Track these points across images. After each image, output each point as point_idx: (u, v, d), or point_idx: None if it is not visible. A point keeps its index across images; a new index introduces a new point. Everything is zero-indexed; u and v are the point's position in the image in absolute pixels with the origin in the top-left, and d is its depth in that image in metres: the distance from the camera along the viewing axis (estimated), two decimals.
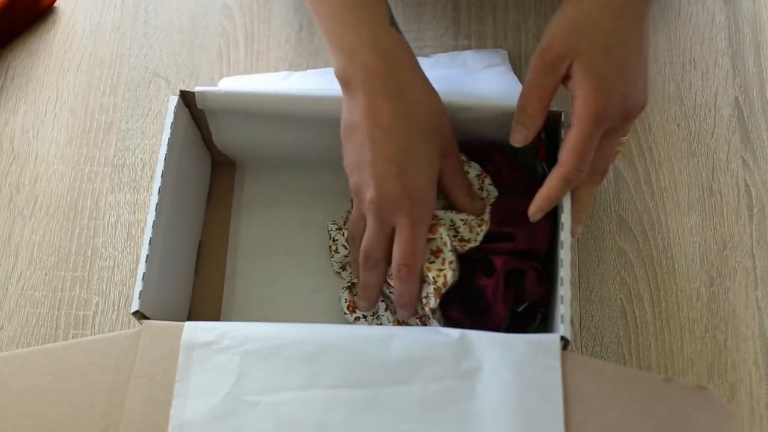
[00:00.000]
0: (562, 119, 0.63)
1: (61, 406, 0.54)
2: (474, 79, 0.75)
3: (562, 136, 0.63)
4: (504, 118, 0.65)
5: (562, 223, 0.60)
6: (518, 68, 0.79)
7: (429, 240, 0.61)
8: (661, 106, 0.77)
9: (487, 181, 0.65)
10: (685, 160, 0.75)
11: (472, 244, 0.62)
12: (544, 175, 0.65)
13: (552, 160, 0.65)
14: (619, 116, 0.58)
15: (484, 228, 0.62)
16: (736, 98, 0.77)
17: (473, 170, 0.65)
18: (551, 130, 0.65)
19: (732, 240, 0.72)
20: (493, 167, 0.66)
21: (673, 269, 0.71)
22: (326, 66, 0.81)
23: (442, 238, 0.61)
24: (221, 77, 0.81)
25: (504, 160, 0.66)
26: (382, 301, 0.66)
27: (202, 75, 0.82)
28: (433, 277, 0.60)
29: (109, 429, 0.53)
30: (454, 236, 0.62)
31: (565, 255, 0.58)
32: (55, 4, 0.86)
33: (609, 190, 0.74)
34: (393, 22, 0.57)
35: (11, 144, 0.80)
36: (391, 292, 0.64)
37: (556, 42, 0.57)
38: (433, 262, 0.61)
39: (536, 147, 0.66)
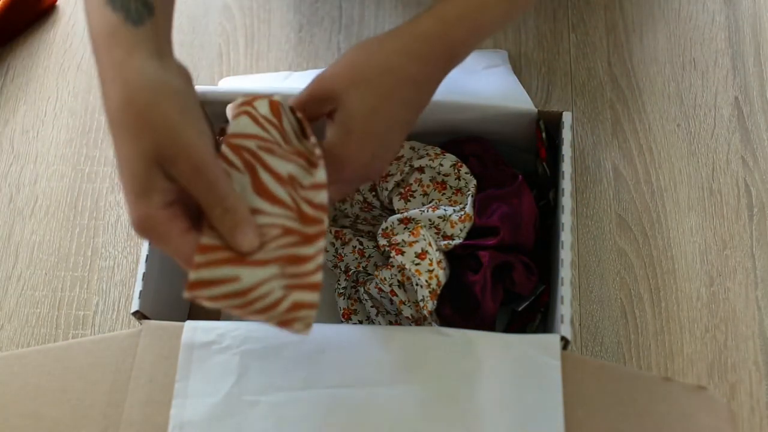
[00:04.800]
0: (562, 119, 0.63)
1: (61, 405, 0.54)
2: (474, 79, 0.75)
3: (562, 136, 0.63)
4: (504, 119, 0.65)
5: (563, 224, 0.60)
6: (518, 68, 0.79)
7: (411, 243, 0.61)
8: (661, 106, 0.77)
9: (463, 170, 0.64)
10: (685, 160, 0.75)
11: (456, 241, 0.62)
12: (545, 175, 0.66)
13: (553, 160, 0.66)
14: (355, 178, 0.56)
15: (468, 224, 0.62)
16: (736, 98, 0.77)
17: (447, 161, 0.65)
18: (552, 130, 0.65)
19: (732, 240, 0.72)
20: (478, 162, 0.66)
21: (673, 269, 0.71)
22: (326, 66, 0.81)
23: (425, 239, 0.61)
24: (221, 77, 0.81)
25: (490, 156, 0.66)
26: (373, 306, 0.66)
27: (202, 75, 0.81)
28: (426, 280, 0.60)
29: (109, 429, 0.53)
30: (436, 233, 0.62)
31: (565, 255, 0.58)
32: (56, 3, 0.86)
33: (609, 190, 0.74)
34: None
35: (11, 144, 0.80)
36: (383, 297, 0.64)
37: (334, 79, 0.54)
38: (419, 264, 0.60)
39: (537, 147, 0.66)
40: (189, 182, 0.45)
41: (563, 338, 0.55)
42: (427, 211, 0.63)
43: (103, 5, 0.48)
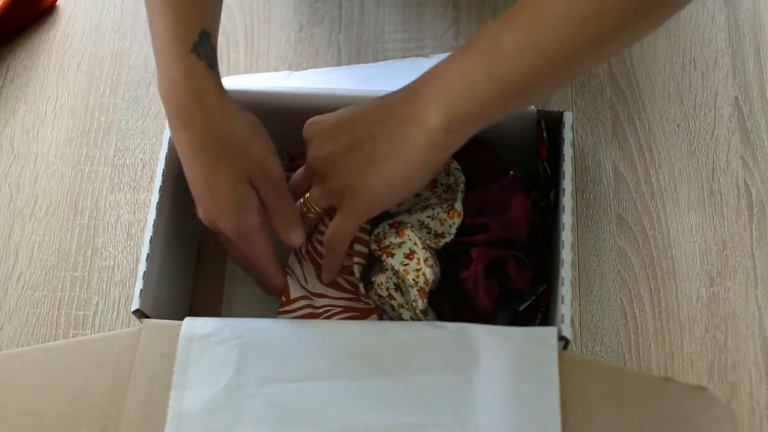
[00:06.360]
0: (563, 119, 0.63)
1: (62, 404, 0.54)
2: None
3: (563, 136, 0.63)
4: (503, 119, 0.65)
5: (563, 224, 0.60)
6: None
7: (399, 244, 0.61)
8: (661, 106, 0.77)
9: (453, 165, 0.64)
10: (685, 160, 0.75)
11: (447, 239, 0.62)
12: (546, 175, 0.66)
13: (553, 160, 0.66)
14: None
15: (457, 220, 0.62)
16: (736, 98, 0.77)
17: None
18: (552, 130, 0.65)
19: (732, 240, 0.72)
20: (473, 163, 0.66)
21: (673, 269, 0.71)
22: (326, 66, 0.81)
23: (411, 239, 0.61)
24: (221, 77, 0.81)
25: (485, 156, 0.66)
26: (377, 315, 0.66)
27: None
28: (414, 279, 0.60)
29: (109, 427, 0.53)
30: (427, 233, 0.62)
31: (565, 255, 0.58)
32: (56, 3, 0.86)
33: (609, 190, 0.74)
34: (196, 48, 0.58)
35: (11, 144, 0.80)
36: (383, 303, 0.64)
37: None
38: (407, 264, 0.61)
39: (538, 147, 0.66)
40: (266, 192, 0.59)
41: (564, 338, 0.55)
42: (416, 212, 0.63)
43: (187, 53, 0.57)
